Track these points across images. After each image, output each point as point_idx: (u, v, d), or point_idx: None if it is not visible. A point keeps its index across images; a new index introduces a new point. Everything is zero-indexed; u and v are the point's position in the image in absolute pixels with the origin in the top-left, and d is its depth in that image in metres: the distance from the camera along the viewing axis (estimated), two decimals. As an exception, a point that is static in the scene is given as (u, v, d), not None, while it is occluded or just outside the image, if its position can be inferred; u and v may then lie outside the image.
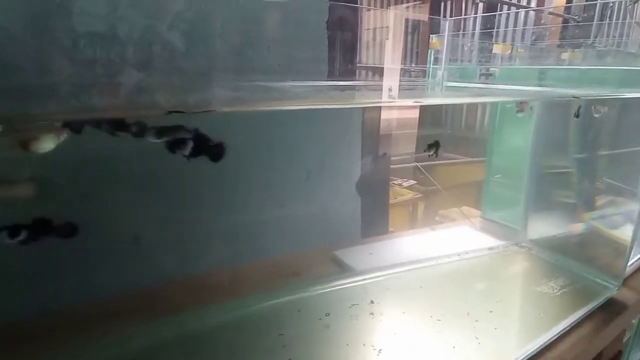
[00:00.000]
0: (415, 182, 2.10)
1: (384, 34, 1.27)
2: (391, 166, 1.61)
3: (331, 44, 1.14)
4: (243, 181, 1.03)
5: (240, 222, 1.03)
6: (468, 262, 1.06)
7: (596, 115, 1.05)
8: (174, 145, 0.67)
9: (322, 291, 0.90)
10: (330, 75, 1.14)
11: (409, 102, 1.08)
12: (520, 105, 1.19)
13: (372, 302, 0.85)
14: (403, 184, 2.14)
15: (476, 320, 0.81)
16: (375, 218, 1.35)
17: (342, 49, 1.18)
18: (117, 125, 0.61)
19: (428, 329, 0.78)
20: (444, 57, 1.25)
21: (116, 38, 0.76)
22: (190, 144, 0.69)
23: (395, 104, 1.18)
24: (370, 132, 1.42)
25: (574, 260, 1.04)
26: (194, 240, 0.97)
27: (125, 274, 0.88)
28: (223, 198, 0.99)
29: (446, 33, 1.22)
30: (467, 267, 1.05)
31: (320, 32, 1.10)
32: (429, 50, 1.31)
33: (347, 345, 0.72)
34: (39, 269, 0.78)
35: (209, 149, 0.72)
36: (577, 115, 1.04)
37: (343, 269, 1.01)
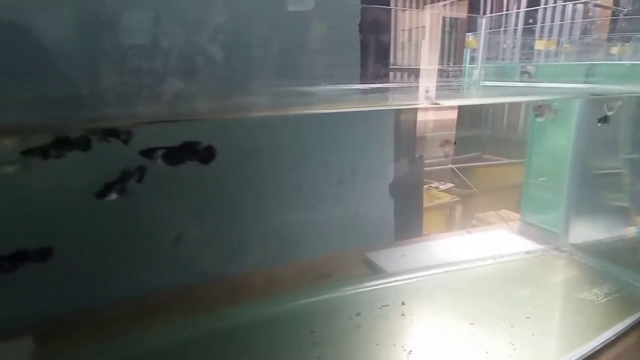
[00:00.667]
0: (453, 185, 2.06)
1: (419, 34, 1.27)
2: (427, 169, 1.59)
3: (364, 47, 1.15)
4: (277, 184, 1.06)
5: (273, 225, 1.06)
6: (504, 265, 1.03)
7: (609, 113, 0.99)
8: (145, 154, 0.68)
9: (354, 292, 0.90)
10: (363, 78, 1.15)
11: (426, 104, 1.07)
12: (539, 110, 1.14)
13: (403, 303, 0.85)
14: (440, 187, 2.10)
15: (512, 326, 0.79)
16: (408, 221, 1.34)
17: (375, 52, 1.19)
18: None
19: (460, 333, 0.77)
20: (480, 55, 1.22)
21: (158, 51, 0.82)
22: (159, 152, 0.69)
23: (415, 106, 1.16)
24: (405, 134, 1.41)
25: (621, 267, 0.98)
26: (231, 241, 1.01)
27: (168, 272, 0.93)
28: (258, 201, 1.03)
29: (482, 30, 1.19)
30: (503, 271, 1.02)
31: (352, 36, 1.12)
32: (465, 49, 1.28)
33: (377, 345, 0.73)
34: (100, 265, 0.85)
35: (197, 153, 0.74)
36: (602, 121, 0.99)
37: (374, 271, 1.02)
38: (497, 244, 1.15)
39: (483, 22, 1.21)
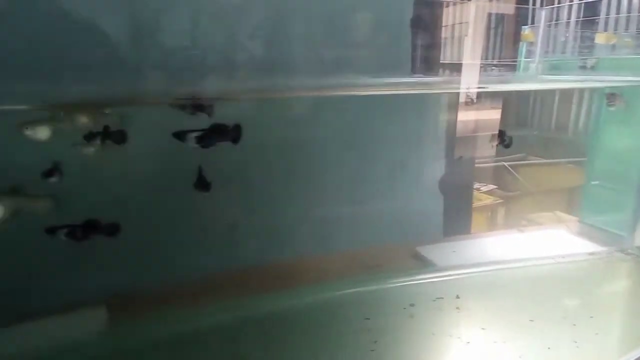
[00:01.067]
0: (496, 186, 1.98)
1: (463, 30, 1.24)
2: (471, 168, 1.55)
3: (414, 41, 1.14)
4: (328, 175, 1.07)
5: (324, 214, 1.08)
6: (565, 266, 0.99)
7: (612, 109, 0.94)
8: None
9: (405, 283, 0.90)
10: (414, 72, 1.14)
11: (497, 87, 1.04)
12: (612, 97, 1.08)
13: (458, 297, 0.84)
14: (482, 188, 2.03)
15: (574, 325, 0.76)
16: (457, 217, 1.31)
17: (425, 46, 1.18)
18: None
19: (519, 328, 0.75)
20: (538, 49, 1.18)
21: (199, 49, 0.87)
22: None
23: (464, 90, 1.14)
24: (452, 132, 1.39)
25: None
26: (282, 229, 1.03)
27: (226, 255, 0.97)
28: (309, 191, 1.05)
29: (542, 23, 1.16)
30: (563, 271, 0.98)
31: (403, 30, 1.11)
32: (521, 43, 1.25)
33: (433, 334, 0.72)
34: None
35: (227, 133, 0.77)
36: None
37: (425, 264, 1.01)
38: (556, 244, 1.11)
39: (542, 14, 1.17)
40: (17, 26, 0.71)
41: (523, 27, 1.34)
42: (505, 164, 1.87)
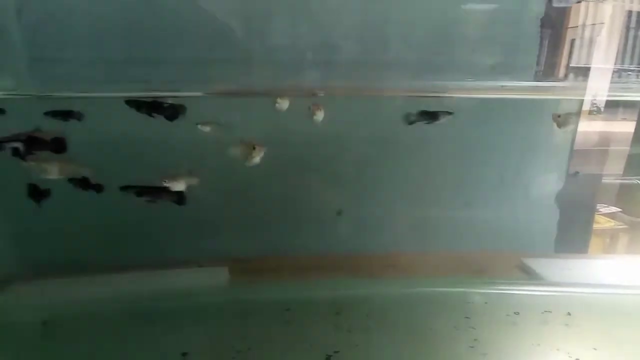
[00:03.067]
0: (620, 209, 1.74)
1: (596, 30, 1.14)
2: (591, 185, 1.41)
3: (542, 43, 1.09)
4: (435, 174, 1.09)
5: (427, 212, 1.10)
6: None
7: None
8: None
9: (510, 292, 0.89)
10: (539, 76, 1.09)
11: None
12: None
13: (568, 314, 0.80)
14: (601, 209, 1.80)
15: None
16: (574, 235, 1.22)
17: (554, 48, 1.11)
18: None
19: (636, 356, 0.70)
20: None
21: (296, 47, 0.94)
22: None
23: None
24: (575, 144, 1.28)
25: None
26: (385, 221, 1.08)
27: (328, 239, 1.05)
28: (415, 188, 1.07)
29: None
30: None
31: (532, 31, 1.07)
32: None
33: (538, 345, 0.71)
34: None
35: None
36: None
37: (532, 276, 0.97)
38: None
39: None
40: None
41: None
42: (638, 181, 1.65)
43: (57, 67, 0.87)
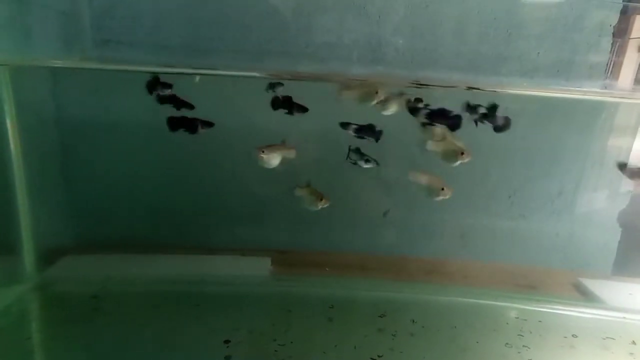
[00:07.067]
0: None
1: None
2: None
3: (613, 49, 1.01)
4: (488, 184, 1.04)
5: (475, 221, 1.05)
6: None
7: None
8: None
9: (567, 312, 0.83)
10: (609, 85, 1.02)
11: None
12: None
13: (633, 342, 0.74)
14: None
15: None
16: (636, 258, 1.13)
17: (624, 54, 1.03)
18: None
19: None
20: None
21: (343, 44, 0.93)
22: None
23: None
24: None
25: None
26: (431, 227, 1.04)
27: (375, 239, 1.03)
28: (464, 196, 1.02)
29: None
30: None
31: (603, 36, 1.00)
32: None
33: (600, 372, 0.66)
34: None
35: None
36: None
37: (589, 298, 0.91)
38: None
39: None
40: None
41: None
42: None
43: (121, 51, 0.90)
